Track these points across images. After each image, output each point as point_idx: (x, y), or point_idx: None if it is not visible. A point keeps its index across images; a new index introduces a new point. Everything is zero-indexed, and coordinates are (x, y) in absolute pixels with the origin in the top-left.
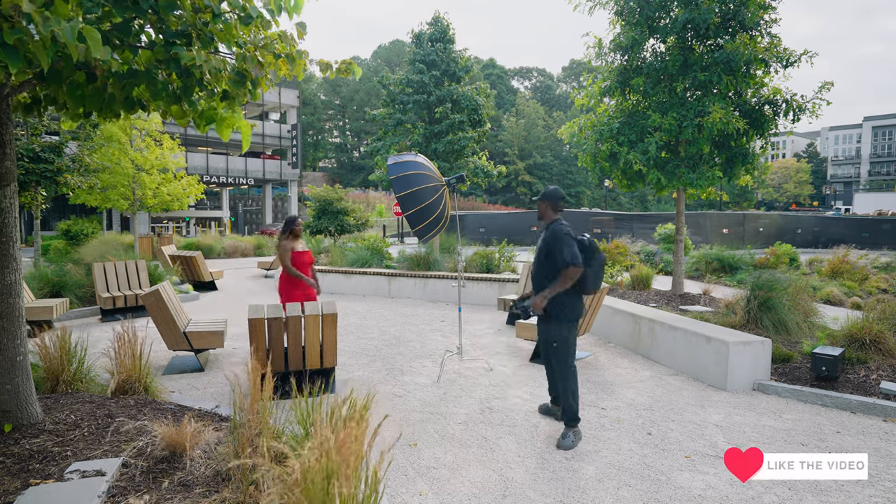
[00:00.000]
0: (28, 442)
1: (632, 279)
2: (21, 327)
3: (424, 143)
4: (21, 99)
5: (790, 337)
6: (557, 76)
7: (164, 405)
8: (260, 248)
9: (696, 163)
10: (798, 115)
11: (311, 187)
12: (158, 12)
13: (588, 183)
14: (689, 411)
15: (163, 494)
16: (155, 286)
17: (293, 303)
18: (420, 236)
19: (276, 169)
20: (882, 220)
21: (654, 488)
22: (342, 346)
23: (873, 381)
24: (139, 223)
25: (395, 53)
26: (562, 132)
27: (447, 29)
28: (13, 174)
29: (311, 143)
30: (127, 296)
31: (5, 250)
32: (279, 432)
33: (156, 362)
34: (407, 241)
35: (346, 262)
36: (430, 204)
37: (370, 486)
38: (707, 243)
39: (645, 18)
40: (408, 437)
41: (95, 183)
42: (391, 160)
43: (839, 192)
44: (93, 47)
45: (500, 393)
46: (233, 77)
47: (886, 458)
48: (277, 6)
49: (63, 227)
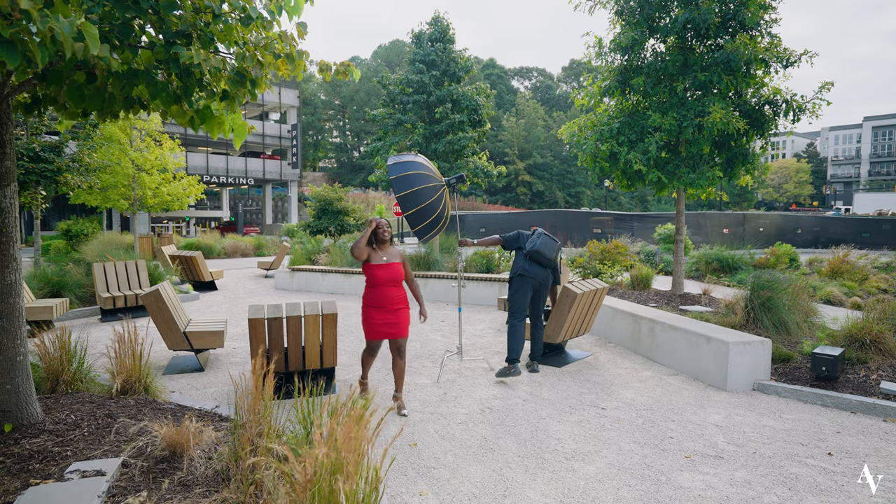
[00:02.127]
0: (28, 442)
1: (632, 279)
2: (21, 327)
3: (424, 143)
4: (21, 99)
5: (790, 337)
6: (557, 76)
7: (165, 405)
8: (260, 248)
9: (697, 163)
10: (798, 116)
11: (311, 187)
12: (159, 12)
13: (588, 183)
14: (689, 411)
15: (163, 494)
16: (155, 286)
17: (374, 339)
18: (420, 236)
19: (276, 169)
20: (882, 220)
21: (654, 488)
22: (342, 346)
23: (873, 381)
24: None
25: (395, 53)
26: (562, 132)
27: (447, 29)
28: (13, 174)
29: (311, 143)
30: (127, 296)
31: (5, 250)
32: (280, 432)
33: (156, 362)
34: (407, 241)
35: (346, 262)
36: (430, 204)
37: (371, 485)
38: (707, 243)
39: (645, 18)
40: (408, 437)
41: (95, 183)
42: (391, 160)
43: (839, 192)
44: (91, 44)
45: (500, 393)
46: (232, 77)
47: (886, 458)
48: (277, 7)
49: (63, 227)
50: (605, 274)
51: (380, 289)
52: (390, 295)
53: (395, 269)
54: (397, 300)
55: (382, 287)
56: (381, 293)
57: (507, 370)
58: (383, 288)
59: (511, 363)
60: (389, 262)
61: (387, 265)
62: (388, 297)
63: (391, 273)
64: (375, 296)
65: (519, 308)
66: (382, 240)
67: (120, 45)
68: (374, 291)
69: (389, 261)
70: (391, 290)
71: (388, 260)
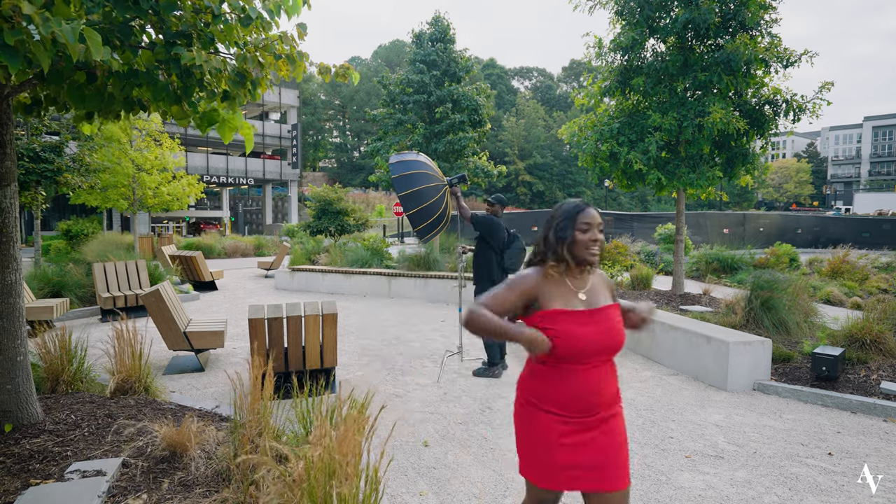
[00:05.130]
0: (28, 442)
1: (632, 279)
2: (21, 327)
3: (425, 143)
4: (21, 99)
5: (790, 337)
6: (557, 76)
7: (165, 405)
8: (260, 247)
9: (697, 163)
10: (798, 115)
11: (311, 187)
12: (159, 13)
13: (588, 183)
14: (690, 411)
15: (163, 494)
16: (155, 286)
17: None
18: (421, 236)
19: (277, 169)
20: (882, 220)
21: (654, 488)
22: (342, 346)
23: (873, 381)
24: (139, 223)
25: (396, 53)
26: (562, 132)
27: (447, 29)
28: (13, 174)
29: (311, 143)
30: (127, 296)
31: (6, 250)
32: (280, 432)
33: (156, 362)
34: (407, 241)
35: (346, 262)
36: (431, 204)
37: (371, 485)
38: (707, 243)
39: (645, 18)
40: (408, 438)
41: (95, 183)
42: (393, 159)
43: (839, 192)
44: (93, 49)
45: (500, 393)
46: (233, 77)
47: (887, 458)
48: (276, 7)
49: (63, 227)
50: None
51: (577, 370)
52: (597, 382)
53: (612, 322)
54: (609, 396)
55: (582, 366)
56: (579, 380)
57: (487, 371)
58: (585, 369)
59: (493, 366)
60: (599, 308)
61: (595, 313)
62: (593, 387)
63: (607, 330)
64: (563, 385)
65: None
66: (584, 258)
67: (120, 45)
68: (558, 376)
69: (596, 303)
70: (601, 371)
71: (592, 302)
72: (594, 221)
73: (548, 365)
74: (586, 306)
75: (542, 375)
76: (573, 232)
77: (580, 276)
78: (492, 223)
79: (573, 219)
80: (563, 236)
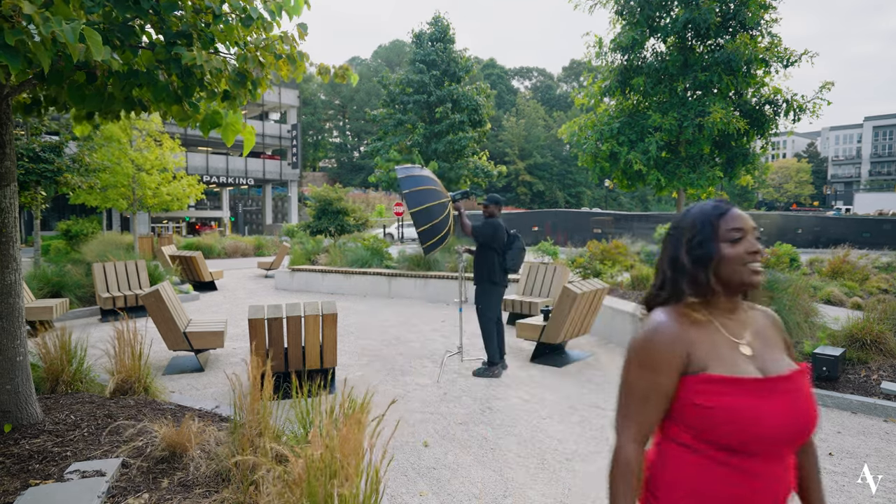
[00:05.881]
0: (28, 442)
1: (632, 279)
2: (21, 327)
3: (424, 143)
4: (21, 99)
5: (791, 337)
6: (558, 76)
7: (164, 405)
8: (260, 248)
9: (697, 163)
10: (798, 115)
11: (311, 187)
12: (159, 13)
13: (588, 183)
14: None
15: (163, 494)
16: (155, 286)
17: None
18: (427, 252)
19: (276, 169)
20: (883, 220)
21: None
22: (342, 346)
23: (874, 381)
24: (139, 223)
25: (396, 53)
26: (562, 132)
27: (447, 29)
28: (13, 174)
29: (311, 143)
30: (127, 296)
31: (5, 250)
32: (280, 432)
33: (156, 362)
34: (407, 241)
35: (346, 262)
36: (440, 221)
37: (371, 485)
38: None
39: (645, 18)
40: (408, 438)
41: (95, 183)
42: (401, 173)
43: (840, 192)
44: (93, 49)
45: (500, 393)
46: (233, 77)
47: (887, 458)
48: (277, 7)
49: (63, 227)
50: (605, 274)
51: (748, 466)
52: (773, 483)
53: (801, 393)
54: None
55: (753, 460)
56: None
57: (487, 371)
58: (757, 464)
59: (493, 366)
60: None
61: (780, 382)
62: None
63: (796, 407)
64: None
65: (495, 313)
66: (744, 281)
67: (121, 45)
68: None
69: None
70: (780, 467)
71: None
72: (747, 225)
73: (701, 454)
74: (758, 366)
75: (687, 467)
76: (718, 244)
77: (733, 314)
78: (492, 230)
79: (715, 226)
80: (704, 254)
